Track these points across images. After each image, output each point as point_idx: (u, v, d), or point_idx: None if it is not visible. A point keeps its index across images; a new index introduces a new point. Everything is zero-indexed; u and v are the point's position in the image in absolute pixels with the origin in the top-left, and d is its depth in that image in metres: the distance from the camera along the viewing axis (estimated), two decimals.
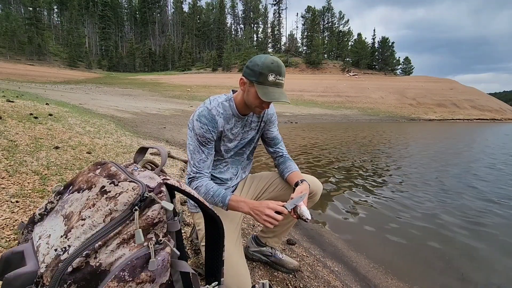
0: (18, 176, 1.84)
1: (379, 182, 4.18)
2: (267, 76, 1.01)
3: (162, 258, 0.58)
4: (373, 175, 4.61)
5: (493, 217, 2.90)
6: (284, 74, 1.06)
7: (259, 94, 1.02)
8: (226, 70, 58.34)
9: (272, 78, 1.02)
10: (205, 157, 1.12)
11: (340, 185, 3.93)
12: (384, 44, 64.79)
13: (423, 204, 3.25)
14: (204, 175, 1.12)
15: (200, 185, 1.08)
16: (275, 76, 1.02)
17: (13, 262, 0.58)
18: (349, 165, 5.30)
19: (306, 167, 4.98)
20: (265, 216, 0.97)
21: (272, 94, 1.02)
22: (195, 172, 1.11)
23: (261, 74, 1.02)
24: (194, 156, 1.11)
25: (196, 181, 1.10)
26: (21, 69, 37.33)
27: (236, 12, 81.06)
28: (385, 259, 2.04)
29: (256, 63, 1.03)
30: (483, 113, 40.38)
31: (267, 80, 1.02)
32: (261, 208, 0.98)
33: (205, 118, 1.10)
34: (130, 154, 3.37)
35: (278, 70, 1.03)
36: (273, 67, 1.02)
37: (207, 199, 1.06)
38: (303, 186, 1.15)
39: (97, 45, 66.94)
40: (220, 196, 1.05)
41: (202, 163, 1.11)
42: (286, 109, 25.20)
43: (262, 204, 0.99)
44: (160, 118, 10.72)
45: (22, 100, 5.50)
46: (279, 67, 1.03)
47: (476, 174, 4.95)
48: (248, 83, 1.07)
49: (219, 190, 1.07)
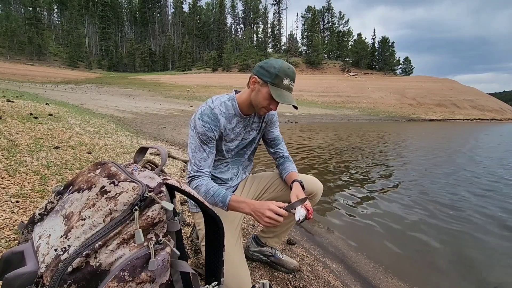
0: (18, 176, 1.84)
1: (379, 182, 4.18)
2: (283, 80, 1.06)
3: (162, 258, 0.58)
4: (373, 175, 4.61)
5: (493, 217, 2.91)
6: (295, 81, 1.11)
7: (274, 95, 1.05)
8: (226, 70, 58.33)
9: (286, 82, 1.06)
10: (206, 155, 1.12)
11: (340, 185, 3.93)
12: (384, 44, 64.80)
13: (423, 204, 3.24)
14: (205, 174, 1.11)
15: (200, 184, 1.08)
16: (289, 81, 1.07)
17: (13, 262, 0.58)
18: (349, 165, 5.30)
19: (306, 167, 4.98)
20: (266, 218, 0.97)
21: (286, 97, 1.06)
22: (195, 170, 1.11)
23: (277, 76, 1.05)
24: (195, 154, 1.11)
25: (196, 180, 1.09)
26: (21, 69, 37.33)
27: (236, 12, 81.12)
28: (385, 259, 2.04)
29: (272, 65, 1.07)
30: (483, 113, 40.38)
31: (282, 83, 1.06)
32: (263, 209, 0.97)
33: (207, 116, 1.10)
34: (130, 154, 3.37)
35: (292, 76, 1.08)
36: (289, 72, 1.07)
37: (207, 199, 1.05)
38: (296, 189, 1.16)
39: (97, 45, 66.91)
40: (220, 196, 1.04)
41: (203, 162, 1.11)
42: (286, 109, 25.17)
43: (263, 205, 0.99)
44: (160, 118, 10.72)
45: (22, 100, 5.50)
46: (294, 73, 1.10)
47: (477, 174, 4.96)
48: (261, 82, 1.08)
49: (219, 190, 1.06)
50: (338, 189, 3.71)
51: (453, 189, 3.90)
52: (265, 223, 0.97)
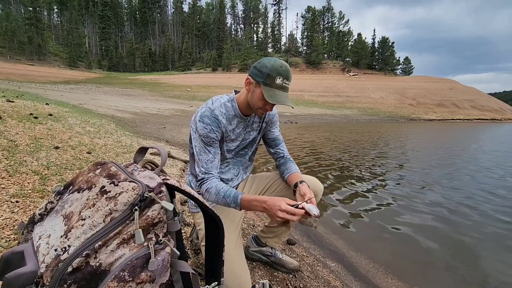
0: (18, 176, 1.84)
1: (379, 182, 4.18)
2: (275, 79, 1.02)
3: (162, 258, 0.58)
4: (373, 175, 4.61)
5: (493, 217, 2.90)
6: (291, 79, 1.06)
7: (265, 96, 1.02)
8: (226, 70, 58.34)
9: (279, 81, 1.02)
10: (212, 156, 1.11)
11: (340, 185, 3.92)
12: (384, 44, 64.81)
13: (423, 204, 3.24)
14: (213, 176, 1.10)
15: (210, 187, 1.06)
16: (283, 80, 1.03)
17: (13, 262, 0.58)
18: (349, 165, 5.30)
19: (306, 167, 4.98)
20: (278, 219, 0.95)
21: (278, 97, 1.03)
22: (203, 172, 1.09)
23: (269, 76, 1.02)
24: (201, 157, 1.10)
25: (206, 183, 1.08)
26: (21, 69, 37.33)
27: (236, 12, 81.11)
28: (385, 259, 2.04)
29: (264, 65, 1.04)
30: (483, 113, 40.38)
31: (274, 82, 1.02)
32: (274, 210, 0.95)
33: (208, 118, 1.10)
34: (130, 154, 3.37)
35: (286, 75, 1.03)
36: (282, 70, 1.03)
37: (218, 201, 1.05)
38: (304, 188, 1.11)
39: (97, 45, 66.92)
40: (231, 197, 1.03)
41: (210, 163, 1.10)
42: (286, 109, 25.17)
43: (275, 205, 0.95)
44: (160, 118, 10.72)
45: (22, 100, 5.50)
46: (287, 71, 1.04)
47: (477, 174, 4.96)
48: (254, 83, 1.07)
49: (229, 190, 1.04)
50: (338, 189, 3.71)
51: (453, 189, 3.89)
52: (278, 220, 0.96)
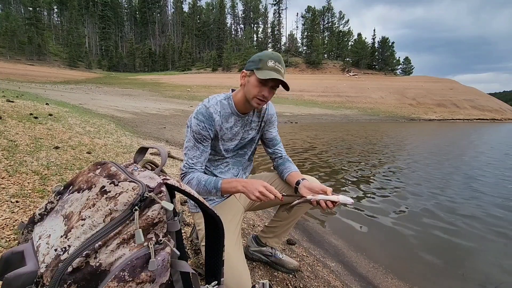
0: (18, 176, 1.84)
1: (379, 182, 4.18)
2: (267, 62, 1.06)
3: (162, 258, 0.58)
4: (373, 175, 4.61)
5: (494, 217, 2.90)
6: (283, 65, 1.10)
7: (258, 76, 1.05)
8: (226, 70, 58.32)
9: (271, 63, 1.06)
10: (199, 154, 1.14)
11: (340, 185, 3.92)
12: (384, 44, 64.77)
13: (423, 204, 3.24)
14: (197, 170, 1.13)
15: (191, 178, 1.10)
16: (275, 62, 1.06)
17: (13, 262, 0.58)
18: (349, 165, 5.30)
19: (306, 167, 4.98)
20: (258, 192, 0.99)
21: (272, 74, 1.05)
22: (187, 167, 1.13)
23: (261, 60, 1.06)
24: (188, 152, 1.14)
25: (187, 175, 1.11)
26: (21, 69, 37.34)
27: (236, 12, 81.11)
28: (385, 259, 2.04)
29: (257, 54, 1.11)
30: (483, 113, 40.37)
31: (266, 65, 1.06)
32: (256, 184, 1.01)
33: (202, 115, 1.12)
34: (130, 154, 3.37)
35: (277, 59, 1.07)
36: (274, 56, 1.08)
37: (200, 190, 1.07)
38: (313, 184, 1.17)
39: (97, 45, 66.91)
40: (212, 183, 1.07)
41: (195, 160, 1.13)
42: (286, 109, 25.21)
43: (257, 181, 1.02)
44: (160, 118, 10.72)
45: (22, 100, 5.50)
46: (279, 57, 1.08)
47: (477, 174, 4.95)
48: (248, 73, 1.11)
49: (209, 178, 1.09)
50: (338, 189, 3.71)
51: (454, 190, 3.90)
52: (255, 198, 0.99)
